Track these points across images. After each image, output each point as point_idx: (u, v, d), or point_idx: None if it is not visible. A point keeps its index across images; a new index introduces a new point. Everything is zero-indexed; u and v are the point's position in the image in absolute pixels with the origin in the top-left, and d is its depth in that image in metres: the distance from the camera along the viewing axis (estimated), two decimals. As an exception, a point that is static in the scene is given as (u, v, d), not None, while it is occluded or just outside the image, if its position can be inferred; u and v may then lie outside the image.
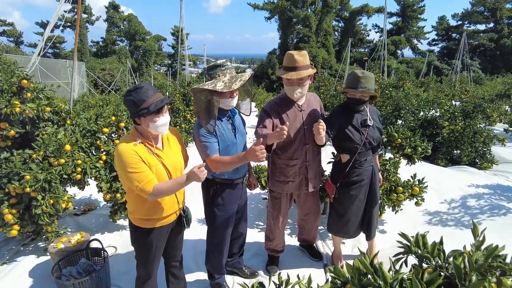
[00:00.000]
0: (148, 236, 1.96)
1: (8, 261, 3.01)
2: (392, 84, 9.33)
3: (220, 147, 2.17)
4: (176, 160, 1.97)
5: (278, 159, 2.54)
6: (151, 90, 1.79)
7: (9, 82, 2.93)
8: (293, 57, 2.27)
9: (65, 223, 3.69)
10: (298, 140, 2.44)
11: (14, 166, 2.74)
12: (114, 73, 27.54)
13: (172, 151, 1.99)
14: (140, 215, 1.92)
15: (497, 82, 22.58)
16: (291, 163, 2.50)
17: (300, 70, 2.27)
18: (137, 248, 2.03)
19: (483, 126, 6.12)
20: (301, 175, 2.54)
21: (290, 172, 2.52)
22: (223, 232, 2.38)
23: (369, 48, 42.28)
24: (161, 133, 1.89)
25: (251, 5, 37.81)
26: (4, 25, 31.65)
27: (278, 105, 2.45)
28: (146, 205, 1.88)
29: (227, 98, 2.14)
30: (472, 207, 3.96)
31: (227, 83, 2.06)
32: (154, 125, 1.80)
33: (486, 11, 41.55)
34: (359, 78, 2.30)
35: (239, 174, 2.33)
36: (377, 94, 2.41)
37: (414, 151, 3.36)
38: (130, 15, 37.53)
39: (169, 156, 1.94)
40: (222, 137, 2.18)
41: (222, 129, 2.19)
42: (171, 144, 2.01)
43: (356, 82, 2.31)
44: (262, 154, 1.86)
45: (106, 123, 3.50)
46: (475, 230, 1.25)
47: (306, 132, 2.44)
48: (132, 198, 1.90)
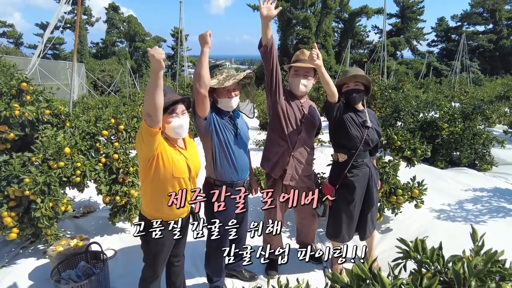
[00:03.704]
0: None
1: (7, 264, 3.01)
2: (391, 86, 9.34)
3: (216, 141, 2.20)
4: (196, 161, 2.04)
5: (272, 133, 2.62)
6: (168, 91, 1.86)
7: (8, 84, 2.93)
8: (303, 51, 2.55)
9: (65, 225, 3.68)
10: (294, 126, 2.54)
11: (14, 169, 2.74)
12: (113, 74, 27.54)
13: (193, 152, 2.06)
14: (151, 209, 1.94)
15: (496, 84, 22.61)
16: (280, 142, 2.57)
17: (307, 62, 2.44)
18: (147, 248, 2.01)
19: (483, 128, 6.12)
20: (282, 160, 2.56)
21: (274, 149, 2.59)
22: (222, 235, 2.37)
23: (369, 49, 42.36)
24: (178, 136, 1.93)
25: (251, 6, 37.86)
26: (4, 26, 31.67)
27: (286, 90, 2.62)
28: (159, 198, 1.90)
29: (224, 97, 2.18)
30: (472, 210, 3.96)
31: (221, 80, 2.12)
32: (169, 127, 1.86)
33: (485, 12, 41.65)
34: (347, 70, 2.60)
35: (240, 176, 2.33)
36: (369, 78, 2.53)
37: (414, 153, 3.37)
38: (129, 17, 37.58)
39: (192, 156, 2.01)
40: (219, 130, 2.19)
41: (221, 124, 2.21)
42: (191, 146, 2.08)
43: (345, 73, 2.57)
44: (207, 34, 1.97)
45: (106, 125, 3.50)
46: (474, 235, 1.25)
47: (302, 126, 2.55)
48: (149, 190, 1.92)
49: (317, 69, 2.31)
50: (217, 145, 2.21)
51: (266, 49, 2.29)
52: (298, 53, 2.60)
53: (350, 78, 2.50)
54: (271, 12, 2.15)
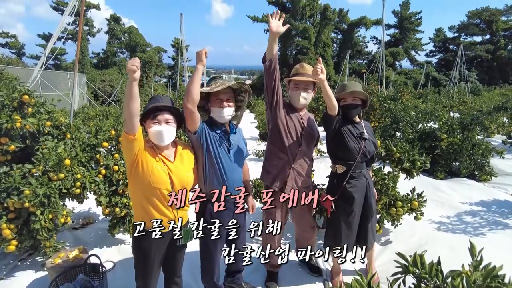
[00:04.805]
0: (145, 241, 1.96)
1: (5, 276, 2.98)
2: (390, 97, 9.40)
3: (206, 155, 2.18)
4: (184, 175, 2.01)
5: (272, 145, 2.63)
6: (160, 99, 1.96)
7: (10, 97, 2.95)
8: (303, 65, 2.61)
9: (64, 237, 3.66)
10: (294, 138, 2.55)
11: (14, 180, 2.74)
12: (114, 84, 27.66)
13: (183, 166, 2.03)
14: (136, 215, 2.00)
15: (494, 94, 22.76)
16: (280, 154, 2.57)
17: (307, 76, 2.51)
18: (135, 254, 2.05)
19: (481, 138, 6.14)
20: (282, 173, 2.56)
21: (274, 162, 2.59)
22: (214, 246, 2.32)
23: (368, 60, 42.75)
24: (160, 143, 1.95)
25: (251, 17, 38.40)
26: (7, 37, 31.94)
27: (285, 102, 2.64)
28: (140, 204, 1.97)
29: (216, 106, 2.21)
30: (472, 222, 3.95)
31: (213, 87, 2.17)
32: (149, 133, 1.92)
33: (482, 23, 42.22)
34: (345, 84, 2.60)
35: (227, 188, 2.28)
36: (366, 94, 2.57)
37: (413, 165, 3.38)
38: (131, 27, 37.96)
39: (178, 169, 1.99)
40: (210, 144, 2.18)
41: (213, 139, 2.20)
42: (184, 159, 2.06)
43: (343, 88, 2.58)
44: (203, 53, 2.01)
45: (106, 137, 3.52)
46: (472, 250, 1.26)
47: (302, 138, 2.57)
48: (132, 196, 2.02)
49: (320, 83, 2.33)
50: (207, 159, 2.19)
51: (271, 64, 2.33)
52: (298, 67, 2.63)
53: (348, 94, 2.53)
54: (280, 29, 2.21)
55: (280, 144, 2.55)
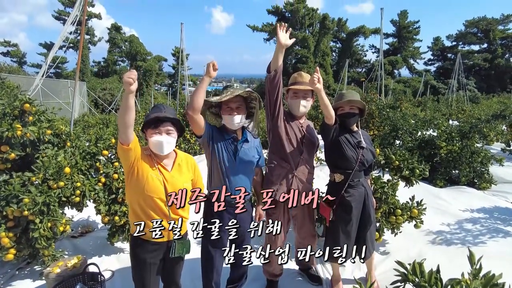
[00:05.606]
0: (139, 249, 1.98)
1: (2, 285, 2.96)
2: (389, 105, 9.44)
3: (212, 159, 2.25)
4: (180, 185, 1.98)
5: (273, 155, 2.63)
6: (163, 109, 1.97)
7: (11, 105, 2.98)
8: (301, 73, 2.64)
9: (62, 245, 3.64)
10: (296, 146, 2.56)
11: (13, 188, 2.74)
12: (114, 93, 27.81)
13: (180, 176, 2.03)
14: (132, 222, 1.99)
15: (493, 102, 22.88)
16: (282, 163, 2.58)
17: (306, 84, 2.53)
18: (132, 264, 2.05)
19: (481, 146, 6.16)
20: (285, 182, 2.56)
21: (277, 171, 2.59)
22: (213, 249, 2.32)
23: (367, 68, 43.10)
24: (159, 153, 1.96)
25: (250, 26, 38.74)
26: (9, 46, 32.20)
27: (285, 111, 2.66)
28: (134, 212, 1.98)
29: (226, 114, 2.27)
30: (472, 229, 3.94)
31: (222, 96, 2.21)
32: (150, 142, 1.94)
33: (479, 32, 42.64)
34: (343, 93, 2.65)
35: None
36: (363, 103, 2.60)
37: (412, 173, 3.38)
38: (131, 36, 38.25)
39: (174, 179, 1.99)
40: (216, 150, 2.25)
41: (220, 144, 2.27)
42: (182, 170, 2.06)
43: (341, 97, 2.62)
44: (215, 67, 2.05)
45: (106, 145, 3.53)
46: (471, 258, 1.26)
47: (303, 146, 2.58)
48: (129, 203, 2.02)
49: (317, 92, 2.35)
50: (213, 163, 2.28)
51: (276, 75, 2.34)
52: (296, 75, 2.66)
53: (345, 103, 2.56)
54: (287, 41, 2.25)
55: (282, 153, 2.56)
